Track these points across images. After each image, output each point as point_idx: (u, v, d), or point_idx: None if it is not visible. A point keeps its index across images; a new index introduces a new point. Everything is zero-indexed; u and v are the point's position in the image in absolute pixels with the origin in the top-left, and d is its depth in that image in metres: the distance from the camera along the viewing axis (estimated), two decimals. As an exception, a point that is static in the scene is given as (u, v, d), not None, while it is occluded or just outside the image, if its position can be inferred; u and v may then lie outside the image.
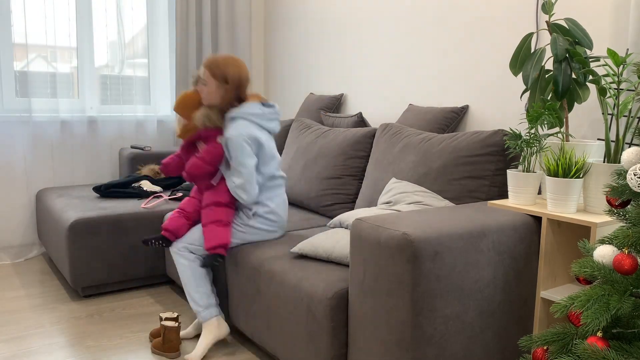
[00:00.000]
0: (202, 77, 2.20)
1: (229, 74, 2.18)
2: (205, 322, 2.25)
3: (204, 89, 2.21)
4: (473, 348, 1.69)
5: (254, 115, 2.19)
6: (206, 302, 2.24)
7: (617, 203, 1.37)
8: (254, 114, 2.19)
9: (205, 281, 2.28)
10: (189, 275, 2.26)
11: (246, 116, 2.18)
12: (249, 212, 2.28)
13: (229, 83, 2.18)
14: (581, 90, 1.85)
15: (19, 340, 2.37)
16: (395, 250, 1.54)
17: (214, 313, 2.25)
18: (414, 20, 2.92)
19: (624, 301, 1.24)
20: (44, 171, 3.58)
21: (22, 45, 3.42)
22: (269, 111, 2.24)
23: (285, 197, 2.37)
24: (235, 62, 2.21)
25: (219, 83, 2.19)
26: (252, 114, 2.18)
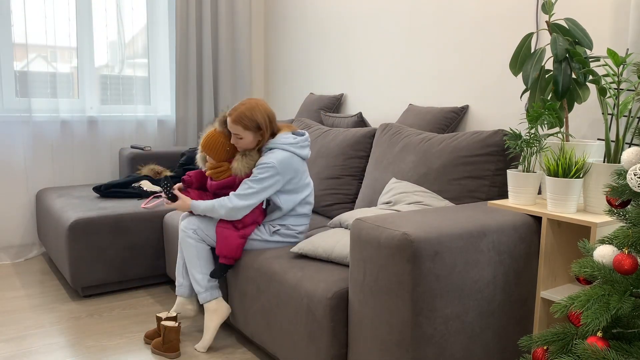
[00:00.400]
0: (236, 133, 2.25)
1: (259, 121, 2.24)
2: (205, 305, 2.28)
3: (240, 142, 2.27)
4: (473, 348, 1.69)
5: (289, 145, 2.26)
6: (207, 284, 2.27)
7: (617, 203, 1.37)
8: (289, 143, 2.26)
9: (209, 263, 2.30)
10: (193, 255, 2.28)
11: (282, 146, 2.25)
12: (272, 229, 2.30)
13: (262, 127, 2.25)
14: (581, 90, 1.85)
15: (19, 340, 2.37)
16: (395, 250, 1.54)
17: (214, 295, 2.28)
18: (414, 20, 2.92)
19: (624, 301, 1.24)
20: (44, 171, 3.58)
21: (22, 45, 3.42)
22: (301, 139, 2.31)
23: (308, 227, 2.41)
24: (258, 106, 2.26)
25: (253, 132, 2.25)
26: (287, 144, 2.25)
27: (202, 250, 2.29)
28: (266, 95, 4.31)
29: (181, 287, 2.39)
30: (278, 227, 2.30)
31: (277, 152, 2.23)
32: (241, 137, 2.25)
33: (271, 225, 2.31)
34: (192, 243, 2.28)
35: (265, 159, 2.21)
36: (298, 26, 3.85)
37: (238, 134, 2.25)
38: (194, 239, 2.28)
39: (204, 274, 2.27)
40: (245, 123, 2.22)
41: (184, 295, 2.39)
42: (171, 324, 2.23)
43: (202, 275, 2.27)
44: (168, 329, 2.22)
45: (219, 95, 4.05)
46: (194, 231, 2.29)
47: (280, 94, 4.12)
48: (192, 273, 2.27)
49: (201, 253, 2.28)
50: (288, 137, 2.28)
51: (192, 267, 2.28)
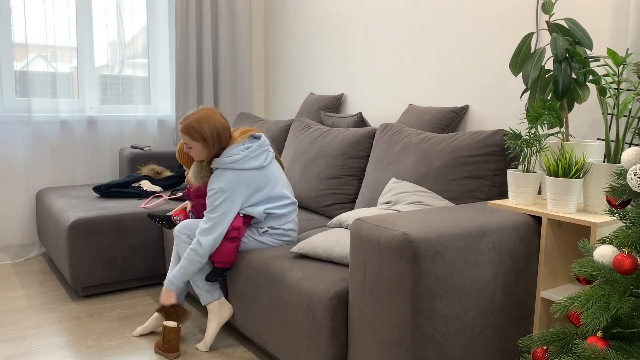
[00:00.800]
0: (185, 142, 2.26)
1: (205, 132, 2.21)
2: (207, 306, 2.28)
3: (191, 151, 2.27)
4: (473, 348, 1.69)
5: (234, 163, 2.21)
6: (207, 286, 2.27)
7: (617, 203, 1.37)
8: (234, 161, 2.21)
9: (207, 265, 2.30)
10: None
11: (224, 166, 2.21)
12: (260, 230, 2.30)
13: (208, 140, 2.22)
14: (581, 90, 1.85)
15: (19, 340, 2.37)
16: (395, 250, 1.54)
17: (215, 296, 2.28)
18: (414, 20, 2.92)
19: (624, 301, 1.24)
20: (44, 171, 3.58)
21: (22, 45, 3.42)
22: (250, 151, 2.24)
23: (297, 220, 2.40)
24: (208, 118, 2.22)
25: (201, 143, 2.23)
26: (231, 162, 2.20)
27: None
28: (266, 95, 4.31)
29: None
30: (266, 228, 2.30)
31: (221, 173, 2.21)
32: (190, 146, 2.25)
33: (259, 227, 2.31)
34: (187, 247, 2.28)
35: (211, 184, 2.20)
36: (298, 26, 3.85)
37: (187, 144, 2.25)
38: (189, 242, 2.29)
39: (202, 275, 2.27)
40: (192, 134, 2.21)
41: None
42: (171, 324, 2.23)
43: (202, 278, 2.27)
44: (168, 329, 2.22)
45: (219, 95, 4.05)
46: (188, 236, 2.30)
47: (280, 94, 4.12)
48: (192, 278, 2.28)
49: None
50: (235, 152, 2.22)
51: None
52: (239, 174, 2.21)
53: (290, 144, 3.16)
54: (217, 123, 2.24)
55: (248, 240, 2.28)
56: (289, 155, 3.11)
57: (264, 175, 2.28)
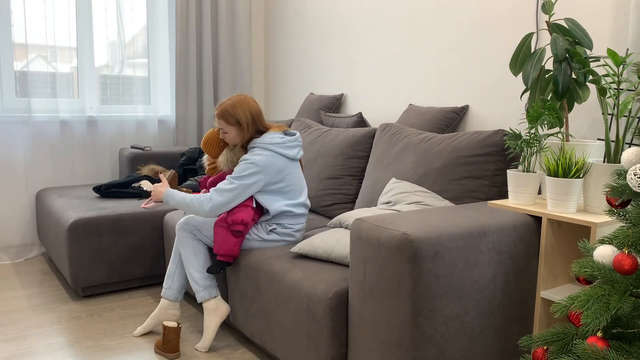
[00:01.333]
0: (221, 127, 2.32)
1: (240, 116, 2.28)
2: (204, 304, 2.28)
3: (226, 136, 2.33)
4: (473, 348, 1.69)
5: (273, 145, 2.27)
6: (205, 282, 2.27)
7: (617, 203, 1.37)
8: (273, 142, 2.28)
9: (207, 262, 2.30)
10: (191, 253, 2.29)
11: (265, 145, 2.26)
12: (268, 228, 2.30)
13: (243, 124, 2.28)
14: (581, 90, 1.85)
15: (19, 340, 2.37)
16: (395, 250, 1.54)
17: (213, 294, 2.28)
18: (414, 20, 2.92)
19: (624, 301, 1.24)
20: (44, 171, 3.58)
21: (22, 45, 3.42)
22: (288, 139, 2.32)
23: (305, 224, 2.41)
24: (242, 102, 2.30)
25: (236, 127, 2.29)
26: (270, 143, 2.27)
27: (199, 248, 2.29)
28: (266, 95, 4.31)
29: (168, 289, 2.38)
30: (274, 225, 2.30)
31: (258, 150, 2.25)
32: (225, 131, 2.31)
33: (267, 225, 2.31)
34: (189, 242, 2.28)
35: (247, 156, 2.23)
36: (298, 26, 3.85)
37: (223, 129, 2.31)
38: (191, 237, 2.29)
39: (201, 272, 2.27)
40: (227, 118, 2.28)
41: (169, 298, 2.38)
42: (171, 324, 2.23)
43: (200, 274, 2.27)
44: (168, 329, 2.22)
45: (219, 95, 4.05)
46: (191, 230, 2.30)
47: (280, 94, 4.12)
48: (190, 272, 2.27)
49: (198, 251, 2.29)
50: (274, 136, 2.29)
51: (190, 265, 2.27)
52: (275, 156, 2.26)
53: (290, 144, 3.16)
54: (252, 107, 2.31)
55: (253, 237, 2.28)
56: (289, 155, 3.11)
57: (293, 168, 2.33)
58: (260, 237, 2.28)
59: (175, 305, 2.39)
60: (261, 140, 2.27)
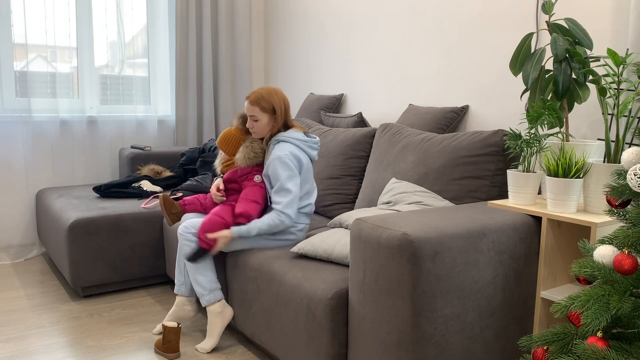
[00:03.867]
0: (252, 114, 2.30)
1: (275, 104, 2.29)
2: (208, 307, 2.27)
3: (256, 124, 2.31)
4: (473, 348, 1.69)
5: (299, 141, 2.30)
6: (210, 286, 2.27)
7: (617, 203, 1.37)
8: (299, 139, 2.30)
9: (210, 265, 2.29)
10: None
11: (291, 140, 2.28)
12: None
13: (277, 112, 2.30)
14: (581, 90, 1.85)
15: (19, 340, 2.37)
16: (395, 250, 1.54)
17: (218, 297, 2.27)
18: (414, 20, 2.92)
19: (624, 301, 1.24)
20: (44, 171, 3.58)
21: (22, 45, 3.42)
22: (312, 140, 2.35)
23: (308, 226, 2.42)
24: (276, 92, 2.33)
25: (269, 115, 2.30)
26: (297, 139, 2.29)
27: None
28: (266, 95, 4.31)
29: (181, 286, 2.39)
30: None
31: (285, 145, 2.26)
32: (257, 118, 2.29)
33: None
34: (191, 246, 2.28)
35: (279, 152, 2.22)
36: (298, 26, 3.86)
37: (254, 116, 2.29)
38: (194, 241, 2.28)
39: (205, 276, 2.26)
40: (263, 105, 2.27)
41: (184, 294, 2.39)
42: (171, 324, 2.23)
43: (204, 278, 2.26)
44: (168, 329, 2.22)
45: (219, 95, 4.05)
46: (193, 234, 2.29)
47: (280, 94, 4.12)
48: (194, 276, 2.27)
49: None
50: (299, 134, 2.32)
51: (194, 270, 2.27)
52: (302, 152, 2.28)
53: (290, 144, 3.16)
54: (285, 99, 2.33)
55: (256, 238, 2.27)
56: (289, 155, 3.11)
57: (311, 169, 2.36)
58: (265, 236, 2.28)
59: (191, 300, 2.40)
60: (288, 135, 2.28)
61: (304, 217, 2.35)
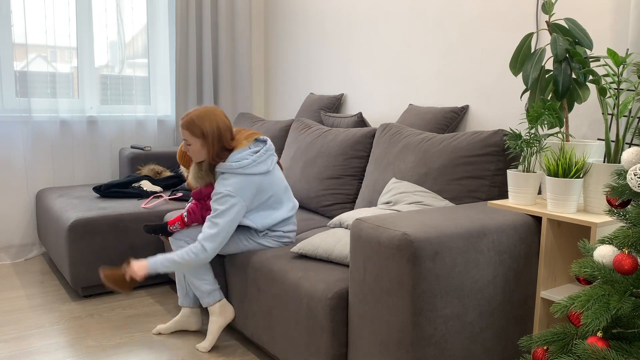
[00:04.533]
0: (185, 138, 2.19)
1: (205, 129, 2.15)
2: (209, 308, 2.28)
3: (189, 148, 2.20)
4: (473, 348, 1.69)
5: (242, 168, 2.15)
6: (209, 288, 2.27)
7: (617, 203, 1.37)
8: (242, 166, 2.15)
9: (207, 268, 2.30)
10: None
11: (232, 170, 2.14)
12: (260, 234, 2.28)
13: (208, 137, 2.15)
14: (581, 90, 1.85)
15: (19, 340, 2.37)
16: (395, 250, 1.54)
17: (217, 297, 2.27)
18: (414, 20, 2.92)
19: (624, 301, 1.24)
20: (44, 171, 3.58)
21: (22, 45, 3.42)
22: (257, 156, 2.18)
23: (296, 221, 2.39)
24: (210, 114, 2.17)
25: (201, 140, 2.16)
26: (239, 167, 2.14)
27: None
28: (266, 95, 4.31)
29: (184, 297, 2.39)
30: (265, 231, 2.28)
31: (228, 177, 2.14)
32: (189, 143, 2.19)
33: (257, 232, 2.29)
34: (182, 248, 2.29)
35: (218, 188, 2.12)
36: (298, 26, 3.86)
37: (187, 140, 2.19)
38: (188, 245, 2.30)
39: (203, 279, 2.26)
40: (192, 129, 2.15)
41: (189, 305, 2.39)
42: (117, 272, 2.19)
43: (202, 282, 2.26)
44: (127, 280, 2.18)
45: (219, 95, 4.05)
46: (186, 242, 2.30)
47: (280, 94, 4.12)
48: (192, 281, 2.27)
49: None
50: (243, 157, 2.17)
51: (191, 275, 2.27)
52: (248, 178, 2.14)
53: (290, 144, 3.16)
54: (219, 121, 2.18)
55: (248, 242, 2.27)
56: (289, 155, 3.11)
57: (269, 179, 2.22)
58: (255, 241, 2.27)
59: (196, 312, 2.40)
60: (229, 166, 2.14)
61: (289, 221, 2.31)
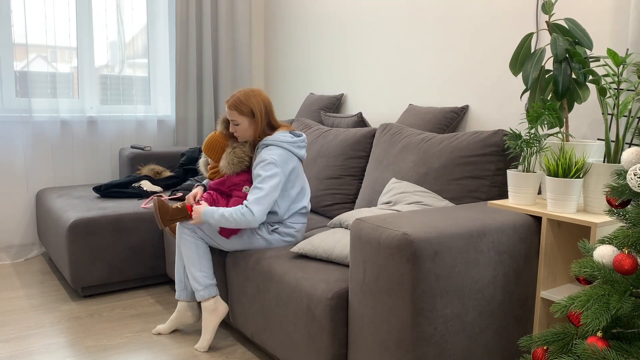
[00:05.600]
0: (233, 119, 2.28)
1: (254, 106, 2.27)
2: (203, 303, 2.28)
3: (237, 128, 2.29)
4: (473, 348, 1.69)
5: (286, 143, 2.26)
6: (207, 282, 2.28)
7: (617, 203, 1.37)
8: (286, 141, 2.27)
9: (208, 261, 2.30)
10: (193, 252, 2.28)
11: (279, 143, 2.25)
12: (270, 228, 2.30)
13: (256, 114, 2.27)
14: (581, 90, 1.85)
15: (19, 340, 2.37)
16: (395, 250, 1.54)
17: (212, 293, 2.28)
18: (414, 20, 2.92)
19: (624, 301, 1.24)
20: (44, 171, 3.58)
21: (22, 45, 3.42)
22: (299, 139, 2.32)
23: (305, 226, 2.41)
24: (255, 93, 2.29)
25: (249, 118, 2.27)
26: (284, 141, 2.26)
27: (201, 248, 2.29)
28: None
29: (182, 291, 2.40)
30: (277, 225, 2.31)
31: (274, 148, 2.23)
32: (237, 122, 2.28)
33: (269, 225, 2.31)
34: (190, 241, 2.28)
35: (264, 155, 2.20)
36: (298, 26, 3.86)
37: (234, 120, 2.28)
38: (192, 237, 2.28)
39: (202, 271, 2.27)
40: (241, 108, 2.25)
41: (185, 299, 2.39)
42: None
43: (201, 273, 2.27)
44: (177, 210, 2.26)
45: (219, 95, 4.05)
46: (192, 230, 2.29)
47: (280, 94, 4.12)
48: (191, 271, 2.27)
49: (200, 251, 2.28)
50: (286, 135, 2.29)
51: (191, 265, 2.27)
52: (290, 155, 2.25)
53: (290, 144, 3.16)
54: (264, 98, 2.30)
55: (256, 237, 2.27)
56: (289, 155, 3.11)
57: (301, 169, 2.34)
58: (263, 237, 2.28)
59: (192, 306, 2.41)
60: (275, 138, 2.25)
61: (300, 217, 2.35)
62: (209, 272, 2.29)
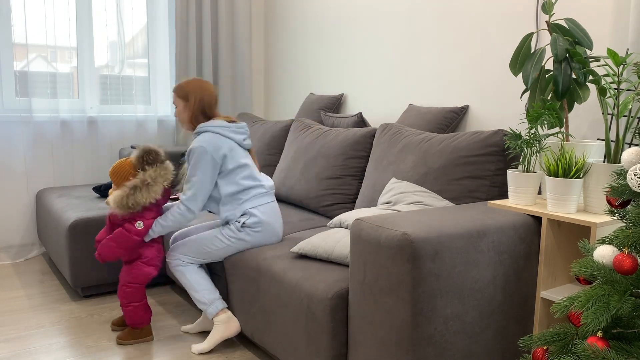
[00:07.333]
0: (173, 101, 2.40)
1: (190, 92, 2.35)
2: (215, 318, 2.27)
3: (176, 111, 2.40)
4: (473, 348, 1.69)
5: (217, 127, 2.30)
6: (209, 298, 2.27)
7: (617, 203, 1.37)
8: (217, 125, 2.31)
9: (205, 279, 2.30)
10: (187, 279, 2.30)
11: (207, 128, 2.30)
12: (238, 225, 2.26)
13: (190, 99, 2.35)
14: (581, 90, 1.85)
15: (19, 340, 2.37)
16: (395, 250, 1.54)
17: (219, 306, 2.27)
18: (414, 20, 2.92)
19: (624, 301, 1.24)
20: (44, 171, 3.58)
21: (22, 45, 3.42)
22: (234, 125, 2.36)
23: (274, 205, 2.36)
24: (198, 82, 2.38)
25: (184, 102, 2.36)
26: (214, 126, 2.30)
27: (193, 270, 2.31)
28: (266, 95, 4.31)
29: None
30: (241, 220, 2.27)
31: (202, 135, 2.29)
32: (176, 105, 2.38)
33: (236, 222, 2.28)
34: (181, 270, 2.31)
35: (192, 145, 2.27)
36: (298, 26, 3.85)
37: (174, 102, 2.38)
38: (182, 265, 2.31)
39: (203, 289, 2.27)
40: (178, 92, 2.36)
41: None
42: None
43: (202, 292, 2.27)
44: None
45: (219, 95, 4.05)
46: (179, 259, 2.32)
47: (280, 94, 4.12)
48: (193, 295, 2.29)
49: (193, 273, 2.30)
50: (218, 122, 2.33)
51: (191, 290, 2.29)
52: (220, 138, 2.29)
53: (290, 144, 3.16)
54: (205, 88, 2.36)
55: (229, 242, 2.26)
56: (289, 155, 3.11)
57: (243, 155, 2.35)
58: (236, 236, 2.26)
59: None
60: (206, 124, 2.31)
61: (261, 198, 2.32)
62: (209, 286, 2.29)
